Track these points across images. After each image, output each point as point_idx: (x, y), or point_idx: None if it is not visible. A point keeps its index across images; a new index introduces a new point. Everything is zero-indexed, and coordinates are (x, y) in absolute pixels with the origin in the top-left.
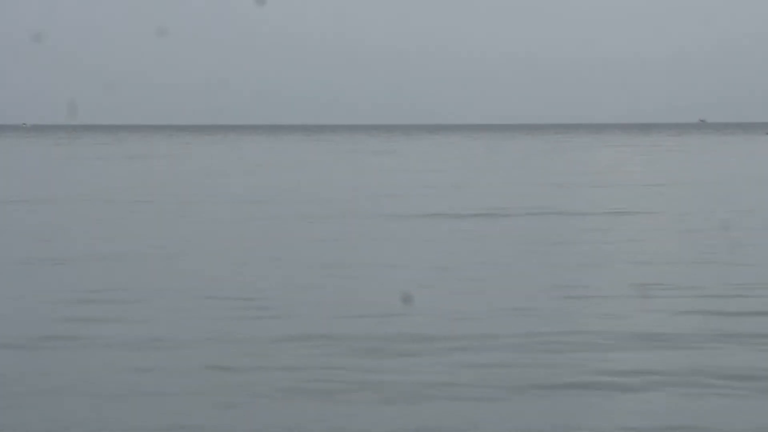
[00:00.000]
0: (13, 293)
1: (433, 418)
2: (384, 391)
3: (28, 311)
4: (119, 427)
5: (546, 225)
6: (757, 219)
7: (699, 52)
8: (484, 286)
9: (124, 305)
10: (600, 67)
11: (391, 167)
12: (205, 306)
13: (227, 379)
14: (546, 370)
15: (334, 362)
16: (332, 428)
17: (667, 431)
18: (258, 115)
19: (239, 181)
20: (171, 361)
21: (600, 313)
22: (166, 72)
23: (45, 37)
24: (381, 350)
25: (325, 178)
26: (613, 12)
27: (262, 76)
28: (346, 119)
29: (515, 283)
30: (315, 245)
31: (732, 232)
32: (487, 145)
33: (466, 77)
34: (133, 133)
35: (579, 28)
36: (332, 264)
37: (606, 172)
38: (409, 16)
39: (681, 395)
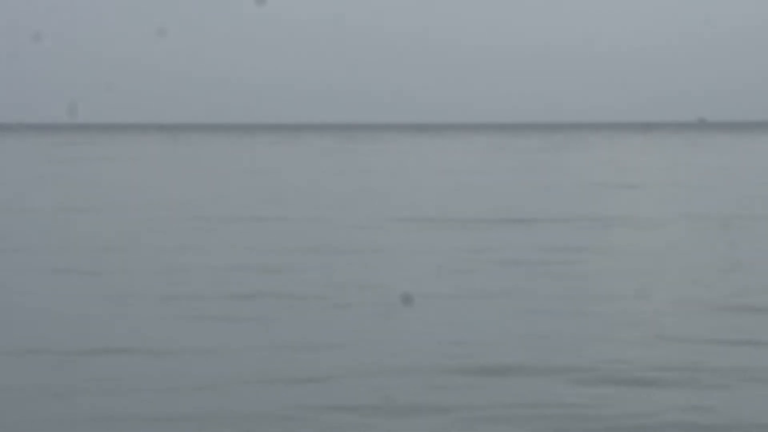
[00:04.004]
0: None
1: None
2: None
3: None
4: None
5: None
6: None
7: (698, 47)
8: None
9: None
10: (596, 63)
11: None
12: None
13: None
14: None
15: None
16: None
17: None
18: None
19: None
20: None
21: None
22: (166, 71)
23: (44, 37)
24: None
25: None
26: (611, 5)
27: (261, 74)
28: (333, 117)
29: None
30: None
31: None
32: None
33: (457, 74)
34: (130, 132)
35: (576, 22)
36: None
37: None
38: (403, 8)
39: None
